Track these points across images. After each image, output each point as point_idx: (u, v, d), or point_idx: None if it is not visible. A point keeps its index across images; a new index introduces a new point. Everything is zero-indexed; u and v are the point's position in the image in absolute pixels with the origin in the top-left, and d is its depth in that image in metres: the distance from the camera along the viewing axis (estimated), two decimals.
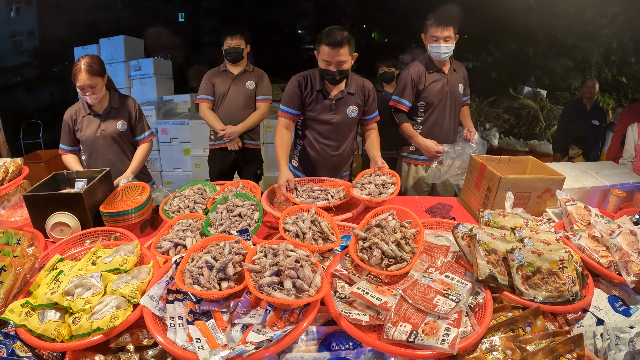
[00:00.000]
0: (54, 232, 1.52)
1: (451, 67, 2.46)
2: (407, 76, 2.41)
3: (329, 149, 2.20)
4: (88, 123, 2.17)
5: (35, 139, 5.60)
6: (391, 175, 1.84)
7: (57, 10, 7.24)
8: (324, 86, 2.06)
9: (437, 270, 1.22)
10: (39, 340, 1.00)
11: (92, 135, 2.16)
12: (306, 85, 2.07)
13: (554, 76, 6.09)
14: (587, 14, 5.44)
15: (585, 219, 1.53)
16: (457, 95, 2.48)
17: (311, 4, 8.51)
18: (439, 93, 2.42)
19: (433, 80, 2.41)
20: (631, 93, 6.01)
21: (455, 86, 2.45)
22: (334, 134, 2.16)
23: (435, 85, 2.41)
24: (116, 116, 2.19)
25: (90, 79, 1.99)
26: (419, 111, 2.48)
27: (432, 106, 2.44)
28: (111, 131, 2.17)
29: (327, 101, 2.08)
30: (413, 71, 2.41)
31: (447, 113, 2.47)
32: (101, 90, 2.08)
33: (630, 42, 5.64)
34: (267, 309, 1.01)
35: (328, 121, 2.12)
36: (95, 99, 2.08)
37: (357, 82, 2.12)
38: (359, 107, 2.13)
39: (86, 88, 2.01)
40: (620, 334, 1.05)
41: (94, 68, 2.00)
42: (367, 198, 1.68)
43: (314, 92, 2.07)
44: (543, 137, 5.52)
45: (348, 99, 2.10)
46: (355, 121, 2.19)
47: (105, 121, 2.17)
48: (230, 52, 2.76)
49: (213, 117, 2.81)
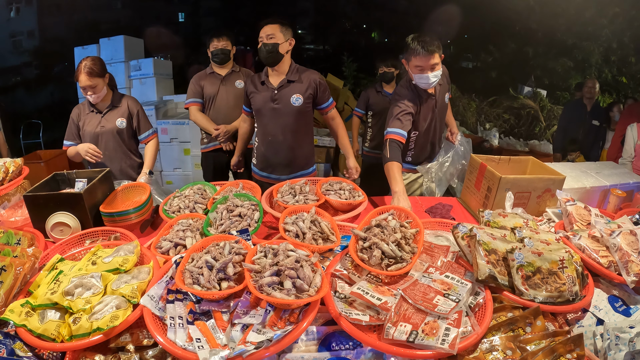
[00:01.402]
0: (54, 232, 1.52)
1: (437, 82, 2.07)
2: (402, 106, 2.06)
3: (276, 143, 2.22)
4: (90, 119, 2.28)
5: (35, 139, 5.61)
6: (348, 183, 1.87)
7: (57, 10, 7.25)
8: (267, 77, 2.17)
9: (437, 270, 1.22)
10: (39, 340, 1.00)
11: (92, 130, 2.27)
12: (252, 81, 2.22)
13: (554, 76, 6.10)
14: (587, 14, 5.44)
15: (585, 219, 1.53)
16: (444, 108, 2.27)
17: (311, 4, 8.52)
18: (429, 117, 2.18)
19: (423, 108, 2.14)
20: (631, 93, 6.01)
21: (442, 101, 2.21)
22: (279, 125, 2.19)
23: (425, 113, 2.16)
24: (116, 114, 2.30)
25: (90, 80, 2.12)
26: (410, 138, 2.23)
27: (422, 131, 2.21)
28: (111, 127, 2.28)
29: (269, 91, 2.16)
30: (406, 100, 2.06)
31: (437, 128, 2.26)
32: (102, 89, 2.20)
33: (630, 42, 5.64)
34: (267, 309, 1.01)
35: (271, 110, 2.18)
36: (96, 98, 2.20)
37: (302, 72, 2.18)
38: (304, 96, 2.15)
39: (87, 88, 2.15)
40: (620, 334, 1.05)
41: (94, 70, 2.12)
42: (346, 201, 1.68)
43: (258, 84, 2.18)
44: (543, 137, 5.52)
45: (291, 88, 2.14)
46: (302, 112, 2.18)
47: (105, 118, 2.27)
48: (218, 53, 2.76)
49: (204, 119, 2.81)
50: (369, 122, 3.48)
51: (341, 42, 8.15)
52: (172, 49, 6.04)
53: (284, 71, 2.16)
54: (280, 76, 2.16)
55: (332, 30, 8.56)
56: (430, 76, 1.97)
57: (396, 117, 2.04)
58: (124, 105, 2.32)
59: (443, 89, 2.21)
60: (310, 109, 2.23)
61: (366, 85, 3.60)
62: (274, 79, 2.17)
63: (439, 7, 5.15)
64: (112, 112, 2.29)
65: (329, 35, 8.64)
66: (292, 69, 2.17)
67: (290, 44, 2.12)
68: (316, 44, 8.99)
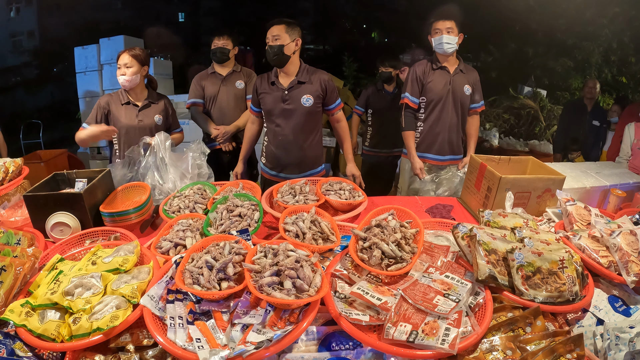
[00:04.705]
0: (54, 232, 1.52)
1: (458, 67, 2.46)
2: (412, 72, 2.47)
3: (287, 143, 2.23)
4: (125, 112, 2.28)
5: (35, 139, 5.61)
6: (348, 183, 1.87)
7: (57, 10, 7.26)
8: (276, 78, 2.17)
9: (437, 270, 1.22)
10: (39, 340, 1.00)
11: (129, 123, 2.27)
12: (261, 82, 2.22)
13: (554, 76, 6.09)
14: (587, 14, 5.44)
15: (585, 219, 1.53)
16: (462, 96, 2.46)
17: (311, 4, 8.52)
18: (441, 91, 2.43)
19: (436, 77, 2.44)
20: (631, 93, 6.01)
21: (460, 86, 2.45)
22: (290, 125, 2.19)
23: (437, 83, 2.43)
24: (154, 110, 2.35)
25: (129, 58, 2.18)
26: (421, 107, 2.51)
27: (432, 103, 2.46)
28: (149, 123, 2.32)
29: (280, 92, 2.15)
30: (418, 68, 2.46)
31: (450, 112, 2.46)
32: (136, 75, 2.22)
33: (630, 42, 5.64)
34: (267, 309, 1.01)
35: (281, 111, 2.18)
36: (126, 80, 2.20)
37: (312, 73, 2.18)
38: (314, 97, 2.15)
39: (122, 67, 2.19)
40: (620, 334, 1.05)
41: (137, 54, 2.21)
42: (346, 201, 1.69)
43: (267, 85, 2.19)
44: (543, 137, 5.52)
45: (302, 89, 2.14)
46: (312, 112, 2.19)
47: (143, 113, 2.30)
48: (216, 52, 2.76)
49: (204, 120, 2.81)
50: (369, 120, 3.48)
51: (341, 42, 8.14)
52: (172, 49, 6.04)
53: (294, 72, 2.15)
54: (290, 77, 2.16)
55: (332, 30, 8.55)
56: (444, 37, 2.31)
57: (407, 84, 2.47)
58: (161, 104, 2.38)
59: (464, 77, 2.46)
60: (320, 109, 2.23)
61: (366, 85, 3.61)
62: (284, 80, 2.16)
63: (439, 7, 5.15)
64: (150, 109, 2.32)
65: (329, 35, 8.64)
66: (302, 70, 2.15)
67: (297, 44, 2.10)
68: (316, 44, 8.98)
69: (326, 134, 4.55)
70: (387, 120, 3.35)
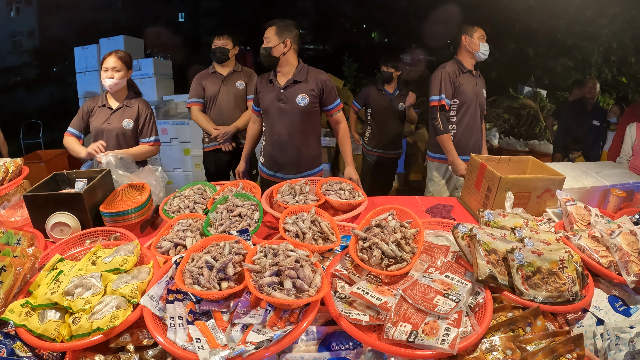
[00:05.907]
0: (54, 232, 1.52)
1: (477, 72, 2.52)
2: (443, 74, 2.44)
3: (283, 143, 2.22)
4: (99, 114, 2.28)
5: (35, 139, 5.61)
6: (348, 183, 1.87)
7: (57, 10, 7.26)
8: (274, 77, 2.18)
9: (437, 270, 1.22)
10: (39, 340, 1.00)
11: (98, 125, 2.26)
12: (261, 81, 2.24)
13: (554, 76, 6.08)
14: (587, 14, 5.43)
15: (585, 219, 1.53)
16: (482, 100, 2.52)
17: (311, 4, 8.52)
18: (471, 93, 2.46)
19: (466, 80, 2.46)
20: (631, 93, 6.00)
21: (481, 90, 2.51)
22: (285, 125, 2.19)
23: (468, 85, 2.46)
24: (125, 114, 2.29)
25: (116, 62, 2.19)
26: (452, 110, 2.51)
27: (464, 105, 2.47)
28: (116, 126, 2.26)
29: (277, 91, 2.16)
30: (449, 69, 2.45)
31: (477, 115, 2.51)
32: (122, 79, 2.23)
33: (630, 42, 5.63)
34: (267, 309, 1.01)
35: (277, 110, 2.18)
36: (113, 84, 2.21)
37: (309, 72, 2.18)
38: (310, 96, 2.14)
39: (110, 70, 2.19)
40: (620, 334, 1.05)
41: (123, 57, 2.22)
42: (346, 201, 1.69)
43: (266, 84, 2.20)
44: (543, 137, 5.51)
45: (297, 88, 2.14)
46: (309, 112, 2.18)
47: (113, 116, 2.27)
48: (216, 52, 2.76)
49: (205, 119, 2.81)
50: (368, 120, 3.48)
51: (341, 42, 8.15)
52: (172, 49, 6.04)
53: (290, 71, 2.16)
54: (286, 76, 2.16)
55: (332, 30, 8.56)
56: (486, 45, 2.42)
57: (438, 85, 2.46)
58: (135, 107, 2.30)
59: (482, 82, 2.58)
60: (317, 109, 2.21)
61: (367, 85, 3.62)
62: (281, 79, 2.18)
63: (439, 7, 5.16)
64: (121, 112, 2.27)
65: (329, 35, 8.65)
66: (299, 69, 2.16)
67: (286, 46, 2.09)
68: (316, 44, 9.00)
69: (325, 134, 4.55)
70: (385, 120, 3.36)
